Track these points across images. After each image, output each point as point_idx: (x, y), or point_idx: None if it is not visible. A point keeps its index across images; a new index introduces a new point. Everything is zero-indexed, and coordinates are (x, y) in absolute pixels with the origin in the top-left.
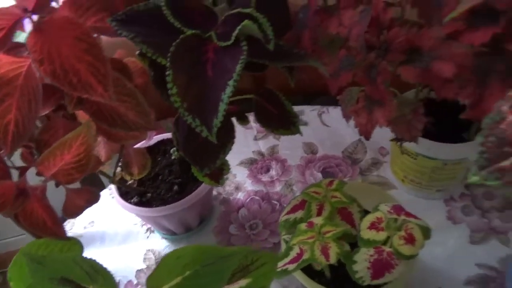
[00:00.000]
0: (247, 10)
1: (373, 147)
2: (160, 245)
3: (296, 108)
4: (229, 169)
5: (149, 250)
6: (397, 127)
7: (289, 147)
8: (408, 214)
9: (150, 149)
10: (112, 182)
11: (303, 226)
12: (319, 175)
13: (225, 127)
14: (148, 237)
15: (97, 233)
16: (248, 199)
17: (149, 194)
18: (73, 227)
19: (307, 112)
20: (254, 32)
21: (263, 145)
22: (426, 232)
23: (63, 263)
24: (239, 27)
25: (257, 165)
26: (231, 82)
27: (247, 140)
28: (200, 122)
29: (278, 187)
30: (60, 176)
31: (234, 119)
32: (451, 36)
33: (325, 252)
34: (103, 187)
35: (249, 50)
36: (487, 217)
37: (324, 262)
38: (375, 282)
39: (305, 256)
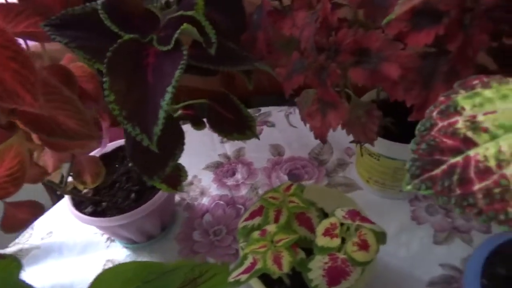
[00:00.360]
0: (190, 13)
1: (339, 147)
2: (121, 254)
3: (264, 110)
4: (186, 175)
5: (108, 260)
6: (352, 129)
7: (256, 149)
8: (363, 219)
9: (107, 156)
10: (63, 192)
11: (256, 234)
12: (285, 177)
13: (172, 133)
14: (108, 246)
15: (55, 244)
16: (213, 204)
17: (104, 203)
18: (30, 238)
19: (275, 113)
20: (194, 35)
21: (229, 148)
22: (381, 238)
23: None
24: (178, 31)
25: (223, 169)
26: (169, 89)
27: (214, 143)
28: (140, 130)
29: (243, 191)
30: None
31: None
32: (398, 38)
33: (277, 261)
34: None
35: (194, 54)
36: (450, 216)
37: (277, 271)
38: None
39: (258, 266)
